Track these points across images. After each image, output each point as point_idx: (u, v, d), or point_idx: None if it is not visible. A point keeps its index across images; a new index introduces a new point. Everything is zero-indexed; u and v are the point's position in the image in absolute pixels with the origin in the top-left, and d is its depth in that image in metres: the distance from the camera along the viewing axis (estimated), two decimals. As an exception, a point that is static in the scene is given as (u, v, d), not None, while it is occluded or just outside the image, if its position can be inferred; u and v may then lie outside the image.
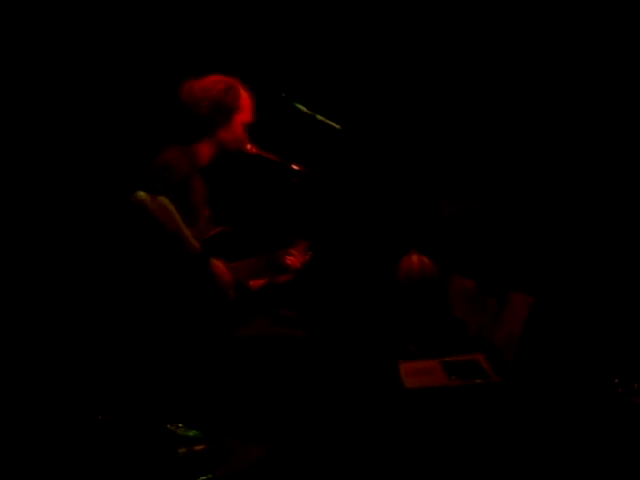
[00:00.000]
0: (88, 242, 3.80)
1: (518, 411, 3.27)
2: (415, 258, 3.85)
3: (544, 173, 4.02)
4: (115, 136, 3.93)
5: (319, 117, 3.45)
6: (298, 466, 3.07)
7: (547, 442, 3.17)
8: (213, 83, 3.34)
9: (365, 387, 3.44)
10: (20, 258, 3.74)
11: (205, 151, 3.36)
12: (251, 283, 3.40)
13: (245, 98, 3.38)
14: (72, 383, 3.50)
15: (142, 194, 3.06)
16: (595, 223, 3.83)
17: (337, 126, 3.45)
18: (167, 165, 3.16)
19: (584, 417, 3.21)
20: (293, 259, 3.43)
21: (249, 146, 3.43)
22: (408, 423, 3.26)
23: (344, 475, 3.13)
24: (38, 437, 3.14)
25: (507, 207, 3.96)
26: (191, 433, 2.94)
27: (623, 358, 3.48)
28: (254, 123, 3.41)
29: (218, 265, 3.21)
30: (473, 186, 4.10)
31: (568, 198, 3.92)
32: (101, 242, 3.73)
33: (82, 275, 3.78)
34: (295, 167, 3.43)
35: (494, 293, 3.81)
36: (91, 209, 3.82)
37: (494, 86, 4.20)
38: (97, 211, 3.79)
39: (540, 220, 3.89)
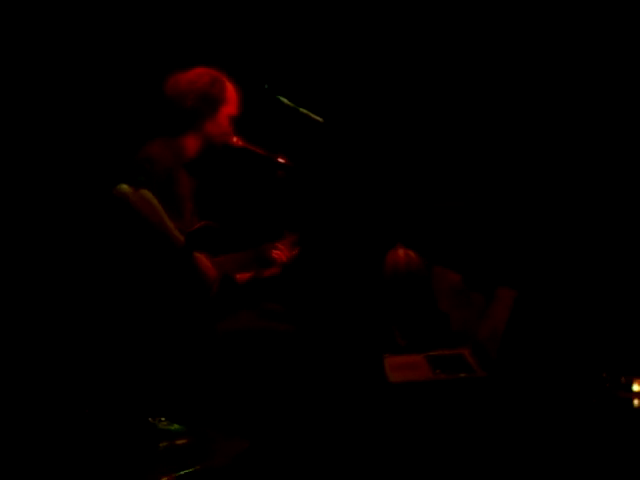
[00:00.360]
0: (71, 235, 3.78)
1: (504, 405, 3.27)
2: (401, 252, 3.85)
3: (528, 166, 4.03)
4: (100, 129, 3.91)
5: (302, 110, 3.45)
6: (281, 460, 3.07)
7: (534, 436, 3.17)
8: (199, 76, 3.33)
9: (350, 381, 3.44)
10: (3, 251, 3.73)
11: (191, 144, 3.35)
12: (237, 276, 3.39)
13: (231, 91, 3.38)
14: (55, 377, 3.49)
15: (124, 187, 3.06)
16: (579, 216, 3.84)
17: (320, 119, 3.45)
18: (150, 158, 3.16)
19: (572, 411, 3.21)
20: (279, 253, 3.42)
21: (235, 139, 3.43)
22: (392, 417, 3.26)
23: (328, 469, 3.12)
24: (22, 430, 3.13)
25: (494, 201, 3.96)
26: (173, 427, 2.94)
27: (610, 352, 3.49)
28: (239, 115, 3.41)
29: (202, 259, 3.21)
30: (462, 180, 4.09)
31: (552, 191, 3.92)
32: (84, 235, 3.72)
33: (65, 268, 3.76)
34: (281, 160, 3.43)
35: (480, 288, 3.81)
36: (74, 202, 3.81)
37: (484, 79, 4.19)
38: (80, 204, 3.78)
39: (526, 214, 3.89)
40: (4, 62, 3.79)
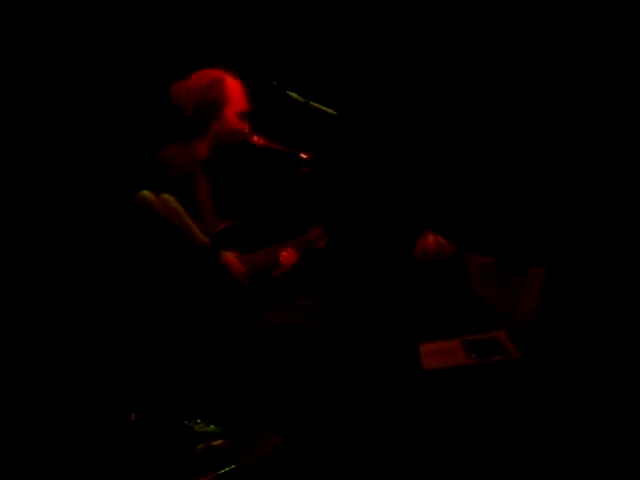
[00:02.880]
0: (96, 245, 3.85)
1: (540, 387, 3.26)
2: (431, 238, 3.85)
3: (552, 148, 4.00)
4: (115, 136, 3.97)
5: (313, 104, 3.47)
6: (317, 454, 3.11)
7: (571, 418, 3.16)
8: (197, 81, 3.38)
9: (385, 373, 3.46)
10: (29, 263, 3.80)
11: (203, 147, 3.41)
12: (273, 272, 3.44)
13: (233, 89, 3.41)
14: (89, 382, 3.57)
15: (146, 193, 3.12)
16: (608, 195, 3.80)
17: (333, 111, 3.46)
18: (167, 161, 3.22)
19: (610, 392, 3.19)
20: (287, 255, 3.46)
21: (256, 138, 3.46)
22: (426, 404, 3.28)
23: (364, 460, 3.16)
24: (58, 435, 3.22)
25: (520, 182, 3.94)
26: (210, 428, 2.99)
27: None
28: (251, 114, 3.44)
29: (230, 257, 3.25)
30: (485, 162, 4.08)
31: (581, 172, 3.89)
32: (110, 244, 3.78)
33: (96, 278, 3.83)
34: (304, 156, 3.46)
35: (514, 269, 3.80)
36: (96, 211, 3.88)
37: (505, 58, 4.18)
38: (102, 213, 3.84)
39: (550, 194, 3.87)
40: (21, 71, 3.86)
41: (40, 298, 3.77)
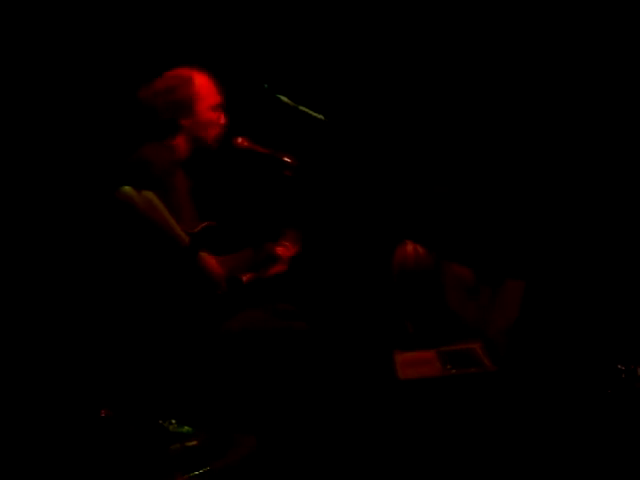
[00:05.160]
0: (75, 240, 3.85)
1: (516, 399, 3.32)
2: (410, 247, 3.90)
3: (533, 156, 4.06)
4: (93, 133, 3.98)
5: (302, 108, 3.50)
6: (290, 458, 3.14)
7: (547, 429, 3.22)
8: (163, 82, 3.40)
9: (360, 379, 3.50)
10: (6, 259, 3.80)
11: (181, 145, 3.42)
12: (243, 276, 3.46)
13: (202, 84, 3.42)
14: (62, 380, 3.56)
15: (128, 189, 3.12)
16: (587, 203, 3.87)
17: (320, 116, 3.50)
18: (148, 159, 3.24)
19: (587, 403, 3.25)
20: (284, 249, 3.49)
21: (240, 140, 3.49)
22: (401, 414, 3.32)
23: (338, 466, 3.19)
24: (29, 433, 3.22)
25: (501, 192, 4.00)
26: (184, 429, 3.01)
27: (625, 343, 3.52)
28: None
29: (208, 258, 3.28)
30: (467, 172, 4.14)
31: (561, 181, 3.96)
32: (88, 240, 3.78)
33: (71, 273, 3.83)
34: (288, 159, 3.49)
35: (491, 281, 3.85)
36: (75, 206, 3.88)
37: (483, 68, 4.24)
38: (82, 208, 3.84)
39: (531, 204, 3.93)
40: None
41: (13, 292, 3.77)
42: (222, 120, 3.46)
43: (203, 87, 3.42)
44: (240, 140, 3.49)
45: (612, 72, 4.00)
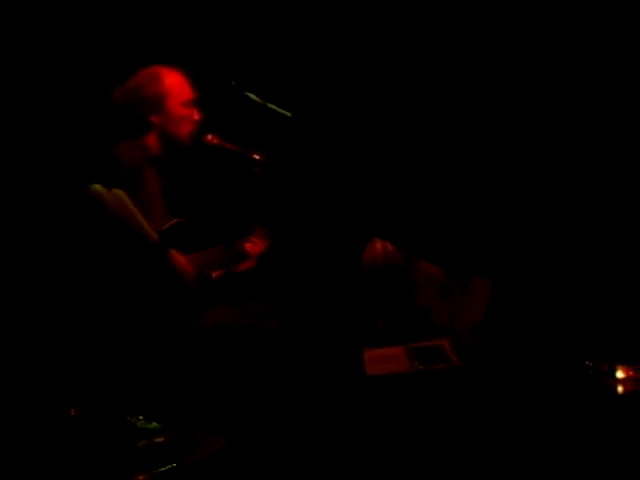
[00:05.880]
0: (43, 238, 3.84)
1: (483, 395, 3.35)
2: (379, 245, 3.92)
3: (505, 155, 4.09)
4: (65, 131, 3.98)
5: (270, 105, 3.53)
6: (260, 456, 3.15)
7: (515, 425, 3.25)
8: (134, 80, 3.43)
9: (329, 375, 3.52)
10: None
11: (152, 141, 3.44)
12: (212, 273, 3.47)
13: (172, 81, 3.44)
14: (34, 377, 3.56)
15: (97, 187, 3.15)
16: (555, 203, 3.91)
17: (288, 114, 3.53)
18: (118, 157, 3.27)
19: (554, 399, 3.29)
20: (252, 246, 3.51)
21: (210, 137, 3.51)
22: (370, 410, 3.34)
23: (307, 464, 3.21)
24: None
25: (470, 191, 4.03)
26: (152, 425, 3.02)
27: (593, 339, 3.56)
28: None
29: (178, 256, 3.29)
30: (437, 170, 4.16)
31: (528, 178, 3.99)
32: (57, 238, 3.78)
33: (40, 271, 3.83)
34: (257, 157, 3.51)
35: (460, 279, 3.88)
36: (44, 204, 3.87)
37: (462, 68, 4.26)
38: (50, 206, 3.84)
39: (501, 203, 3.97)
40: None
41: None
42: (196, 116, 3.48)
43: (174, 84, 3.44)
44: (210, 137, 3.51)
45: (612, 71, 4.03)
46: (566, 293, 3.73)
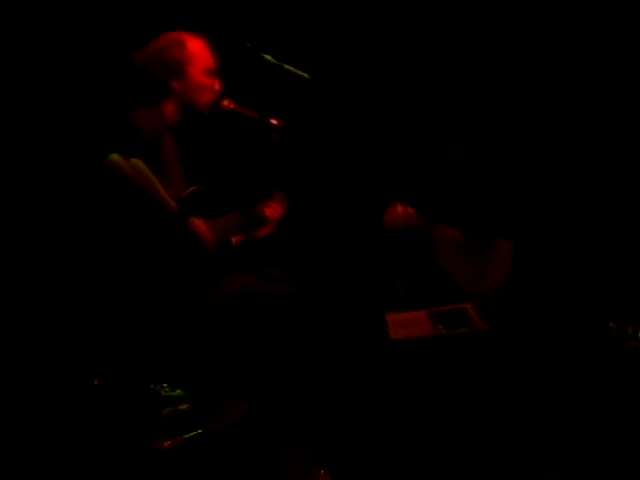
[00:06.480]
0: (64, 210, 3.85)
1: (507, 359, 3.34)
2: (400, 209, 3.91)
3: (524, 117, 4.06)
4: (82, 102, 3.96)
5: (287, 67, 3.49)
6: (284, 422, 3.16)
7: (540, 389, 3.24)
8: (156, 44, 3.41)
9: (352, 339, 3.52)
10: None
11: (171, 109, 3.42)
12: (232, 238, 3.46)
13: (195, 48, 3.42)
14: (54, 347, 3.58)
15: (116, 156, 3.15)
16: (577, 165, 3.88)
17: (306, 75, 3.49)
18: (136, 126, 3.25)
19: (579, 361, 3.28)
20: (272, 210, 3.49)
21: (226, 102, 3.49)
22: (393, 374, 3.34)
23: (331, 430, 3.21)
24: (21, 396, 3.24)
25: (489, 152, 4.00)
26: (176, 393, 3.03)
27: (617, 301, 3.54)
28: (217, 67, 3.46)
29: (198, 224, 3.29)
30: (456, 132, 4.13)
31: (548, 141, 3.97)
32: (77, 208, 3.78)
33: (60, 243, 3.84)
34: (274, 122, 3.48)
35: (482, 241, 3.86)
36: (63, 175, 3.87)
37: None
38: (69, 177, 3.84)
39: (521, 165, 3.94)
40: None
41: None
42: (217, 86, 3.45)
43: (197, 50, 3.42)
44: (226, 102, 3.49)
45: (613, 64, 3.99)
46: (590, 255, 3.71)
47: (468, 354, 3.35)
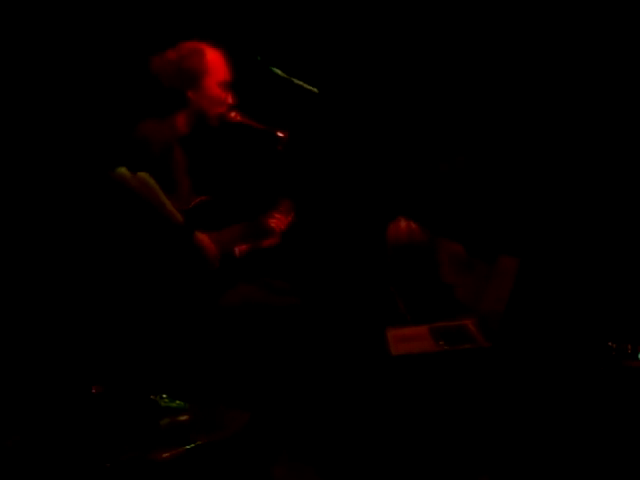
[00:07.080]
0: (70, 222, 3.85)
1: (508, 376, 3.34)
2: (403, 223, 3.91)
3: (529, 132, 4.07)
4: (92, 112, 3.97)
5: (296, 81, 3.51)
6: (284, 434, 3.16)
7: (540, 406, 3.24)
8: (176, 52, 3.42)
9: (353, 354, 3.52)
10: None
11: (183, 119, 3.43)
12: (236, 249, 3.47)
13: (213, 59, 3.44)
14: (58, 355, 3.58)
15: (122, 170, 3.15)
16: (582, 182, 3.88)
17: (314, 89, 3.50)
18: (144, 138, 3.26)
19: (578, 381, 3.28)
20: (277, 221, 3.50)
21: (233, 114, 3.49)
22: (394, 390, 3.34)
23: (331, 444, 3.21)
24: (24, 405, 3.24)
25: (494, 168, 4.01)
26: (175, 404, 3.03)
27: (616, 320, 3.55)
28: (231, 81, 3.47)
29: (203, 238, 3.29)
30: (460, 146, 4.14)
31: (553, 156, 3.97)
32: (83, 221, 3.78)
33: (65, 253, 3.84)
34: (280, 134, 3.49)
35: (484, 257, 3.87)
36: (70, 188, 3.87)
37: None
38: (76, 189, 3.84)
39: (526, 181, 3.94)
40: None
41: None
42: (230, 100, 3.46)
43: (214, 61, 3.44)
44: (233, 114, 3.50)
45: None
46: (592, 274, 3.71)
47: (469, 370, 3.35)
